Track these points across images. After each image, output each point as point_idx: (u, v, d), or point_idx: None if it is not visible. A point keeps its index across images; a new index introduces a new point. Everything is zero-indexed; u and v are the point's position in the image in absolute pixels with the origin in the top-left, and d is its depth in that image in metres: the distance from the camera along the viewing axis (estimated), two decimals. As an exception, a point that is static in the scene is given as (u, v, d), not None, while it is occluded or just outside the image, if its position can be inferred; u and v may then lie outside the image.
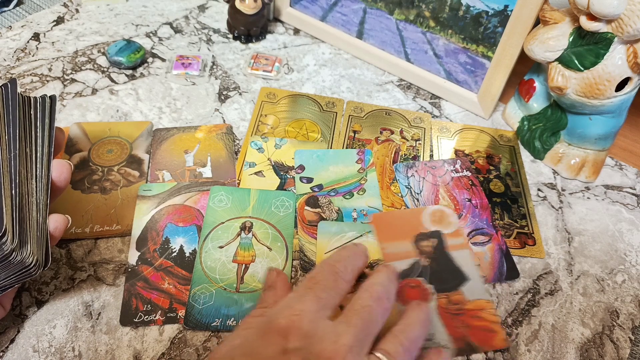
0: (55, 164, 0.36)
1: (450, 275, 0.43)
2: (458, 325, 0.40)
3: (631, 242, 0.48)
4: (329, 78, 0.63)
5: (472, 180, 0.51)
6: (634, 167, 0.56)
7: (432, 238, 0.45)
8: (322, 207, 0.47)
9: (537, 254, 0.46)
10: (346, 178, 0.50)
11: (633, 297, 0.44)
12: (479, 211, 0.48)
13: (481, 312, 0.41)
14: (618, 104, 0.48)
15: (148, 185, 0.48)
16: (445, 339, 0.39)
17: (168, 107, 0.57)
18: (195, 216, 0.46)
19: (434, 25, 0.59)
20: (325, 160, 0.52)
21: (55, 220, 0.35)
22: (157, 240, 0.44)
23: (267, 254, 0.44)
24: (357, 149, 0.53)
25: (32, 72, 0.59)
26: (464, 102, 0.60)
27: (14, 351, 0.37)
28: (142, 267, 0.42)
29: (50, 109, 0.37)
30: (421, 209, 0.48)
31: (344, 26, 0.66)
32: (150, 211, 0.46)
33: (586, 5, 0.43)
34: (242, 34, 0.66)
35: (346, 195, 0.49)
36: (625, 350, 0.41)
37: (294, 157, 0.52)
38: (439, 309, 0.40)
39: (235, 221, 0.45)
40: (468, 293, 0.42)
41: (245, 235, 0.45)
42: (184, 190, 0.48)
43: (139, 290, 0.41)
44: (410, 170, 0.51)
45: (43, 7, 0.69)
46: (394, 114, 0.58)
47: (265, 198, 0.47)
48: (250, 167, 0.51)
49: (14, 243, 0.31)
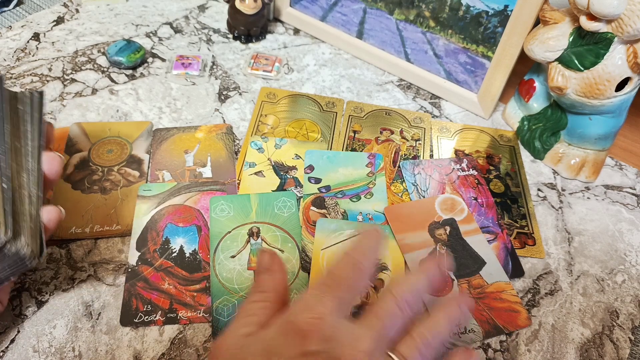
0: (45, 157, 0.36)
1: (468, 260, 0.44)
2: (482, 309, 0.41)
3: (631, 242, 0.48)
4: (329, 78, 0.63)
5: (478, 179, 0.51)
6: (634, 167, 0.56)
7: (446, 226, 0.46)
8: (328, 208, 0.48)
9: (537, 254, 0.46)
10: (355, 181, 0.50)
11: (633, 297, 0.44)
12: (485, 210, 0.49)
13: (502, 293, 0.42)
14: (618, 104, 0.48)
15: (148, 185, 0.48)
16: (472, 323, 0.40)
17: (168, 107, 0.57)
18: (195, 216, 0.46)
19: (434, 25, 0.59)
20: (335, 162, 0.52)
21: (48, 211, 0.35)
22: (157, 241, 0.44)
23: (280, 257, 0.43)
24: (369, 153, 0.53)
25: (32, 72, 0.59)
26: (464, 102, 0.60)
27: (14, 351, 0.37)
28: (142, 267, 0.42)
29: (39, 103, 0.38)
30: (432, 198, 0.48)
31: (344, 26, 0.66)
32: (150, 211, 0.46)
33: (586, 5, 0.43)
34: (242, 34, 0.66)
35: (353, 198, 0.49)
36: (625, 350, 0.41)
37: (304, 156, 0.52)
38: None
39: (241, 228, 0.45)
40: (487, 276, 0.43)
41: (254, 241, 0.44)
42: (184, 191, 0.47)
43: (139, 290, 0.41)
44: (417, 167, 0.52)
45: (43, 7, 0.69)
46: (394, 114, 0.58)
47: (266, 201, 0.47)
48: (250, 167, 0.51)
49: (8, 235, 0.32)
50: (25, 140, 0.36)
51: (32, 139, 0.36)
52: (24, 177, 0.35)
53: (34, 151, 0.36)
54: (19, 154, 0.35)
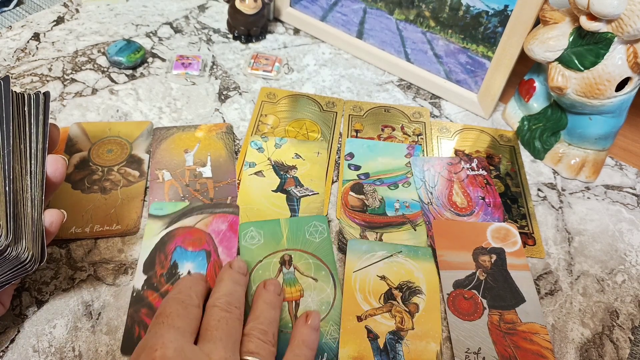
0: (50, 160, 0.36)
1: (507, 293, 0.42)
2: (508, 345, 0.39)
3: (631, 242, 0.48)
4: (329, 78, 0.63)
5: (487, 179, 0.51)
6: (634, 167, 0.56)
7: (493, 254, 0.45)
8: (367, 194, 0.49)
9: (537, 254, 0.46)
10: (393, 170, 0.51)
11: (633, 297, 0.44)
12: (492, 209, 0.49)
13: (534, 335, 0.40)
14: (618, 104, 0.48)
15: (160, 204, 0.46)
16: (493, 356, 0.39)
17: (168, 107, 0.57)
18: (205, 241, 0.44)
19: (434, 25, 0.59)
20: (374, 151, 0.53)
21: (50, 215, 0.35)
22: (164, 264, 0.42)
23: (315, 286, 0.42)
24: (407, 144, 0.54)
25: (32, 72, 0.59)
26: (464, 102, 0.60)
27: (14, 351, 0.37)
28: (147, 292, 0.40)
29: (44, 105, 0.37)
30: (486, 224, 0.47)
31: (344, 26, 0.66)
32: (160, 232, 0.44)
33: (586, 5, 0.43)
34: (242, 34, 0.66)
35: (391, 186, 0.50)
36: (625, 350, 0.41)
37: (345, 145, 0.53)
38: (490, 325, 0.40)
39: (272, 257, 0.43)
40: (522, 315, 0.41)
41: (287, 270, 0.42)
42: (196, 212, 0.46)
43: (143, 317, 0.39)
44: (427, 164, 0.52)
45: (43, 7, 0.69)
46: (393, 110, 0.59)
47: (297, 226, 0.45)
48: (250, 167, 0.51)
49: (9, 239, 0.31)
50: (30, 143, 0.36)
51: (36, 141, 0.36)
52: (27, 180, 0.34)
53: (38, 153, 0.36)
54: (23, 156, 0.35)
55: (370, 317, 0.40)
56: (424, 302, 0.41)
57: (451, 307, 0.41)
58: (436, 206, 0.49)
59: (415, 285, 0.42)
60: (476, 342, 0.39)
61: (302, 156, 0.52)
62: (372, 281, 0.42)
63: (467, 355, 0.38)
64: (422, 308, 0.41)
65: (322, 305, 0.40)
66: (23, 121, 0.36)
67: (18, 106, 0.36)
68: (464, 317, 0.41)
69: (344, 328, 0.39)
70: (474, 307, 0.41)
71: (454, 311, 0.41)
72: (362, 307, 0.41)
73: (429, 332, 0.40)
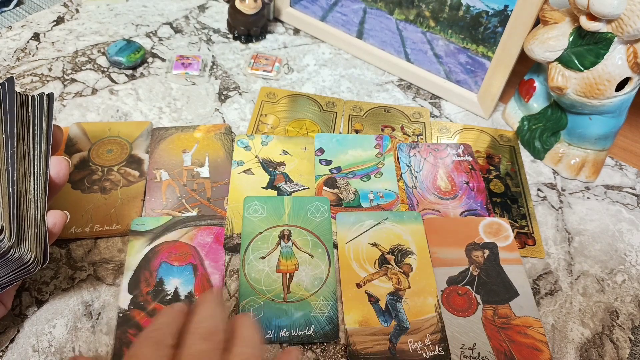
0: (53, 161, 0.36)
1: (500, 288, 0.43)
2: (502, 339, 0.40)
3: (631, 242, 0.48)
4: (329, 78, 0.63)
5: (472, 165, 0.52)
6: (634, 167, 0.56)
7: (485, 249, 0.45)
8: (340, 188, 0.49)
9: (537, 254, 0.46)
10: (364, 161, 0.52)
11: (633, 297, 0.44)
12: (475, 194, 0.50)
13: (528, 329, 0.40)
14: (618, 104, 0.48)
15: (142, 220, 0.45)
16: (487, 351, 0.39)
17: (168, 107, 0.57)
18: (191, 254, 0.43)
19: (434, 25, 0.59)
20: (344, 144, 0.53)
21: (53, 216, 0.35)
22: (150, 282, 0.41)
23: (310, 261, 0.43)
24: (376, 135, 0.54)
25: (32, 72, 0.59)
26: (464, 102, 0.60)
27: (13, 351, 0.37)
28: (134, 312, 0.39)
29: (48, 106, 0.37)
30: (478, 219, 0.47)
31: (344, 26, 0.66)
32: (144, 248, 0.43)
33: (586, 5, 0.43)
34: (242, 34, 0.66)
35: (363, 178, 0.50)
36: (625, 350, 0.41)
37: (314, 140, 0.53)
38: (484, 320, 0.41)
39: (273, 230, 0.45)
40: (516, 308, 0.41)
41: (285, 243, 0.44)
42: (180, 225, 0.45)
43: (131, 338, 0.38)
44: (413, 150, 0.53)
45: (43, 7, 0.69)
46: (393, 110, 0.59)
47: (299, 204, 0.47)
48: (238, 166, 0.50)
49: (12, 240, 0.31)
50: (34, 144, 0.35)
51: (40, 143, 0.36)
52: (30, 181, 0.34)
53: (41, 155, 0.36)
54: (27, 157, 0.35)
55: (368, 282, 0.42)
56: (415, 261, 0.44)
57: (445, 304, 0.41)
58: (420, 190, 0.50)
59: (405, 247, 0.44)
60: (471, 337, 0.40)
61: (289, 152, 0.52)
62: (365, 249, 0.44)
63: (462, 351, 0.39)
64: (415, 267, 0.43)
65: (315, 281, 0.42)
66: (27, 122, 0.36)
67: (22, 107, 0.36)
68: (458, 314, 0.41)
69: (345, 296, 0.41)
70: (468, 303, 0.42)
71: (448, 308, 0.41)
72: (360, 275, 0.43)
73: (425, 288, 0.42)
